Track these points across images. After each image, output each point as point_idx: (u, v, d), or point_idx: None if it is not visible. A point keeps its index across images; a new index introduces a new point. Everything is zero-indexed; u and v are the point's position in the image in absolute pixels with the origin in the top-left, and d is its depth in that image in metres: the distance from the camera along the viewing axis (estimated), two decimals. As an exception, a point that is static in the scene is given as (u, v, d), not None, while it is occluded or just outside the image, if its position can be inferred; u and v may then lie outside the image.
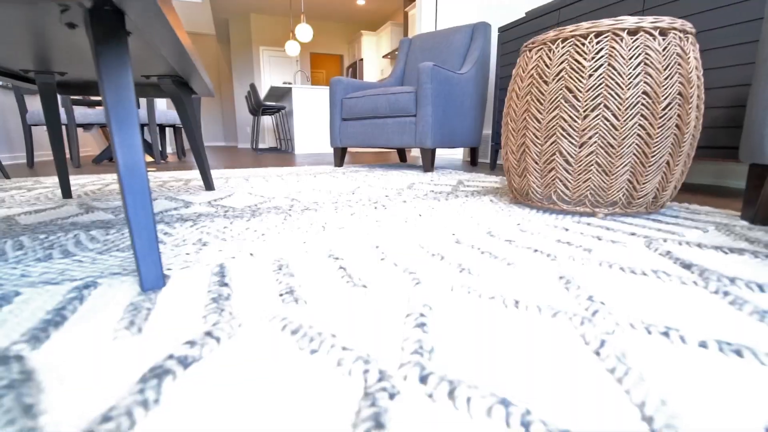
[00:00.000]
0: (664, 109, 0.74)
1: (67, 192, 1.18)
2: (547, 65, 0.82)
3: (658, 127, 0.75)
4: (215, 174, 1.93)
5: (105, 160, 3.28)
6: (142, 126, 3.35)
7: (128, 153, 0.47)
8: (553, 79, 0.81)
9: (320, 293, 0.44)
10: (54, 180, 1.73)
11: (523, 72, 0.89)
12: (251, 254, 0.59)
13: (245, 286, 0.47)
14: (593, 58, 0.76)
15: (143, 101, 3.37)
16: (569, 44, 0.79)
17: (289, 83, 5.90)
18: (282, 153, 4.97)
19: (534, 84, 0.85)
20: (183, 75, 0.99)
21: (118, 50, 0.47)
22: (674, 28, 0.74)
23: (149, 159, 3.42)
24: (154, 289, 0.46)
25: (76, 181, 1.68)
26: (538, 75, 0.84)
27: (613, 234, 0.70)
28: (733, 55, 1.09)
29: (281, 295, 0.44)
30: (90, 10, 0.45)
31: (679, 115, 0.75)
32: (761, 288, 0.45)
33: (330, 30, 7.84)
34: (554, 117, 0.81)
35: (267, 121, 7.32)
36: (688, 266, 0.52)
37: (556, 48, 0.81)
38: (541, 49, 0.85)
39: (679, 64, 0.74)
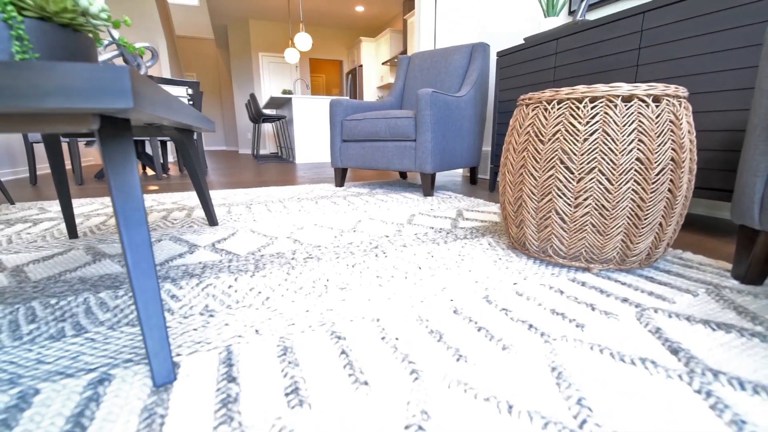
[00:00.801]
0: (656, 175, 0.76)
1: (72, 231, 1.20)
2: (543, 125, 0.85)
3: (651, 192, 0.77)
4: (218, 195, 1.93)
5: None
6: (146, 153, 3.37)
7: (137, 252, 0.49)
8: (549, 140, 0.83)
9: (324, 392, 0.46)
10: (58, 207, 1.74)
11: (520, 127, 0.91)
12: (257, 331, 0.62)
13: (252, 380, 0.49)
14: (588, 122, 0.78)
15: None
16: (565, 106, 0.81)
17: (289, 91, 5.91)
18: (283, 162, 4.99)
19: (530, 141, 0.87)
20: (185, 126, 1.01)
21: (125, 153, 0.49)
22: (667, 95, 0.76)
23: (150, 173, 3.45)
24: (165, 384, 0.48)
25: (80, 207, 1.70)
26: (534, 133, 0.86)
27: (605, 301, 0.72)
28: (728, 101, 1.11)
29: (287, 394, 0.46)
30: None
31: (671, 180, 0.77)
32: (742, 385, 0.47)
33: (329, 36, 7.85)
34: (550, 176, 0.83)
35: (268, 127, 7.34)
36: (675, 351, 0.55)
37: (552, 108, 0.83)
38: (537, 107, 0.87)
39: (672, 131, 0.76)
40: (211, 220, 1.36)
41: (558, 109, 0.82)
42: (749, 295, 0.74)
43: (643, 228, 0.79)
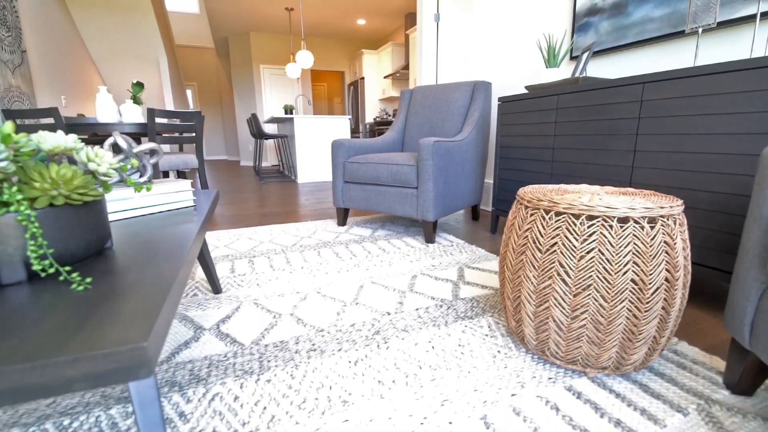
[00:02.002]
0: (651, 294, 0.78)
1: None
2: (541, 234, 0.87)
3: (645, 311, 0.79)
4: (221, 237, 1.91)
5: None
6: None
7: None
8: (547, 250, 0.85)
9: None
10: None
11: (519, 228, 0.93)
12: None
13: None
14: (584, 240, 0.80)
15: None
16: (562, 220, 0.83)
17: (291, 107, 5.94)
18: (285, 180, 5.01)
19: (529, 247, 0.89)
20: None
21: (149, 396, 0.50)
22: (662, 216, 0.78)
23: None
24: None
25: None
26: (532, 240, 0.88)
27: (599, 423, 0.74)
28: (723, 183, 1.12)
29: None
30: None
31: (665, 299, 0.79)
32: None
33: (330, 47, 7.86)
34: (547, 286, 0.85)
35: (269, 141, 7.36)
36: None
37: (550, 219, 0.85)
38: (536, 213, 0.89)
39: (667, 252, 0.78)
40: (215, 288, 1.38)
41: (556, 221, 0.84)
42: (738, 415, 0.76)
43: (637, 342, 0.81)
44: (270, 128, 7.42)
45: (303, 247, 1.94)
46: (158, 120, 4.92)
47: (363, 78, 7.20)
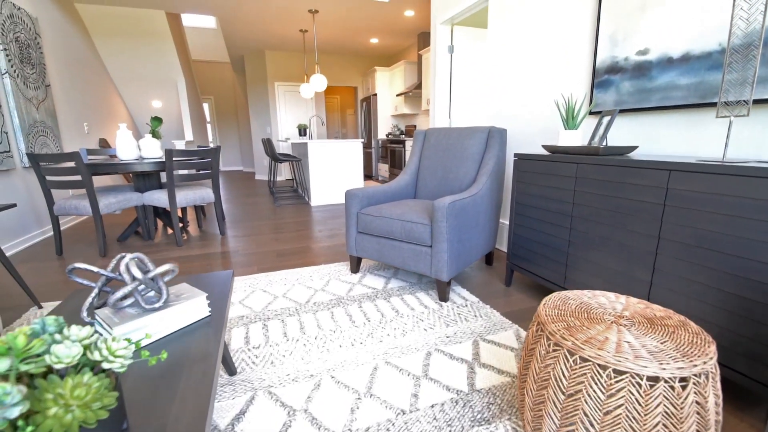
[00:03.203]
0: (682, 456, 0.74)
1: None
2: (564, 375, 0.83)
3: (676, 473, 0.75)
4: (237, 288, 1.91)
5: (130, 236, 3.39)
6: (165, 210, 3.45)
7: None
8: (570, 395, 0.82)
9: None
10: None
11: (540, 359, 0.90)
12: None
13: None
14: (611, 395, 0.77)
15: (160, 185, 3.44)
16: (588, 368, 0.80)
17: (305, 126, 5.97)
18: (299, 203, 5.04)
19: (551, 384, 0.86)
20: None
21: None
22: (694, 375, 0.74)
23: (166, 234, 3.50)
24: None
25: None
26: (555, 378, 0.85)
27: None
28: (760, 293, 1.07)
29: None
30: None
31: (697, 460, 0.75)
32: None
33: (343, 63, 7.88)
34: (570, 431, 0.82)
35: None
36: None
37: (575, 363, 0.82)
38: (559, 351, 0.86)
39: (698, 413, 0.74)
40: (230, 370, 1.38)
41: (581, 367, 0.81)
42: None
43: (667, 500, 0.78)
44: (285, 143, 7.49)
45: (317, 306, 1.94)
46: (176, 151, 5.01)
47: (375, 94, 7.20)
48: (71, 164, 3.81)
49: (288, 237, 3.37)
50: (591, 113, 2.02)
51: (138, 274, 0.92)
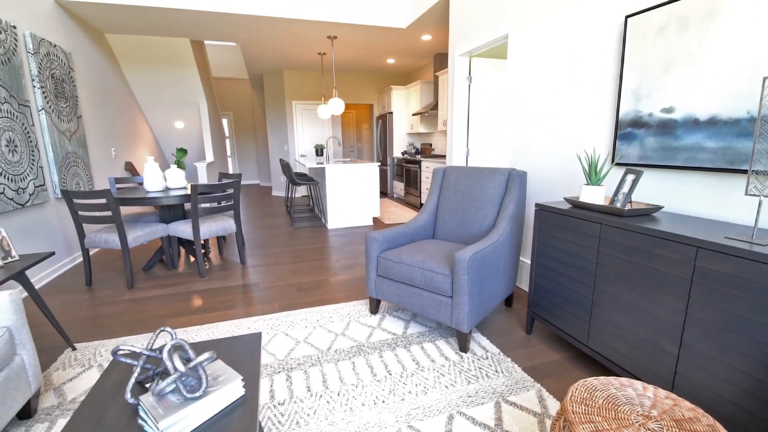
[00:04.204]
0: None
1: None
2: (593, 486, 0.84)
3: None
4: (255, 325, 1.92)
5: (155, 265, 3.50)
6: (189, 242, 3.55)
7: None
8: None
9: None
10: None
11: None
12: None
13: None
14: None
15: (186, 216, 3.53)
16: (616, 483, 0.80)
17: (321, 146, 6.06)
18: (316, 226, 5.10)
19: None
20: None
21: None
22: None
23: (186, 262, 3.59)
24: None
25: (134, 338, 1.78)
26: (583, 487, 0.86)
27: None
28: (790, 386, 1.05)
29: None
30: None
31: None
32: None
33: (359, 81, 7.98)
34: None
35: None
36: None
37: (603, 474, 0.82)
38: (587, 458, 0.86)
39: None
40: (258, 433, 1.42)
41: (609, 480, 0.81)
42: None
43: None
44: (301, 158, 7.61)
45: (338, 354, 1.97)
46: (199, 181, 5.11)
47: (391, 112, 7.26)
48: (102, 201, 3.93)
49: (306, 267, 3.42)
50: (614, 163, 2.01)
51: (180, 366, 0.97)
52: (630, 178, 1.70)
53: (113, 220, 2.81)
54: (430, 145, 6.90)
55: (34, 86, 3.21)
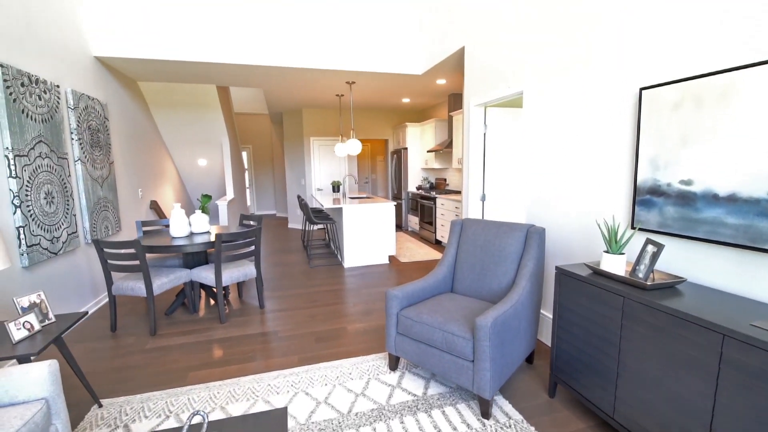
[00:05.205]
0: None
1: None
2: None
3: None
4: (276, 384, 1.91)
5: (177, 308, 3.57)
6: (209, 287, 3.63)
7: None
8: None
9: None
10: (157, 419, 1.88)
11: None
12: None
13: None
14: None
15: (208, 262, 3.62)
16: None
17: (338, 183, 6.19)
18: (333, 263, 5.16)
19: None
20: None
21: None
22: None
23: (209, 304, 3.66)
24: None
25: (158, 393, 1.78)
26: None
27: None
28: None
29: None
30: None
31: None
32: None
33: (374, 117, 8.21)
34: None
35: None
36: None
37: None
38: None
39: None
40: None
41: None
42: None
43: None
44: (318, 192, 7.76)
45: (359, 418, 1.96)
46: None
47: (406, 148, 7.40)
48: (131, 250, 3.98)
49: (324, 313, 3.44)
50: (633, 227, 2.02)
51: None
52: (651, 249, 1.71)
53: (140, 269, 2.92)
54: (445, 180, 6.98)
55: (72, 139, 3.42)
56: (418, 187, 7.29)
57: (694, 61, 1.70)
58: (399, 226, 8.11)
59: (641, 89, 1.91)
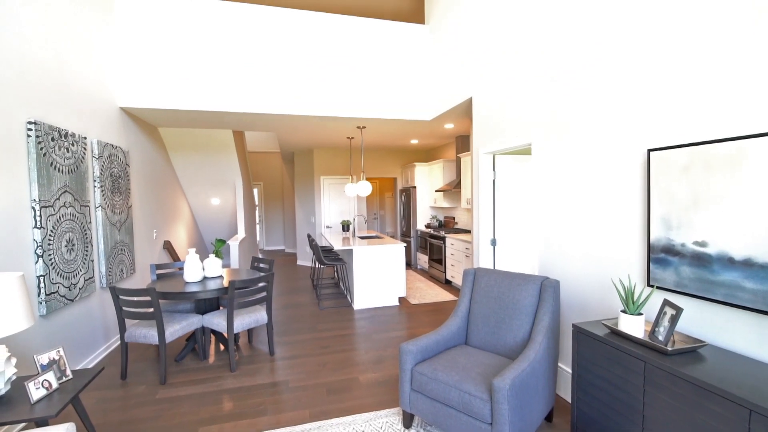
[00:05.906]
0: None
1: None
2: None
3: None
4: None
5: (187, 355, 3.55)
6: (220, 334, 3.63)
7: None
8: None
9: None
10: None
11: None
12: None
13: None
14: None
15: (222, 312, 3.64)
16: None
17: (348, 222, 6.26)
18: (342, 305, 5.13)
19: None
20: None
21: None
22: None
23: (216, 350, 3.63)
24: None
25: None
26: None
27: None
28: None
29: None
30: None
31: None
32: None
33: (383, 157, 8.41)
34: None
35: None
36: None
37: None
38: None
39: None
40: None
41: None
42: None
43: None
44: (327, 230, 7.82)
45: (373, 484, 1.90)
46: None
47: (415, 187, 7.52)
48: (147, 298, 4.00)
49: (335, 360, 3.40)
50: (649, 285, 2.01)
51: None
52: (669, 312, 1.70)
53: (154, 317, 2.94)
54: (453, 218, 7.02)
55: (95, 186, 3.55)
56: (427, 225, 7.33)
57: (702, 127, 1.76)
58: (408, 264, 8.08)
59: (649, 150, 1.97)
